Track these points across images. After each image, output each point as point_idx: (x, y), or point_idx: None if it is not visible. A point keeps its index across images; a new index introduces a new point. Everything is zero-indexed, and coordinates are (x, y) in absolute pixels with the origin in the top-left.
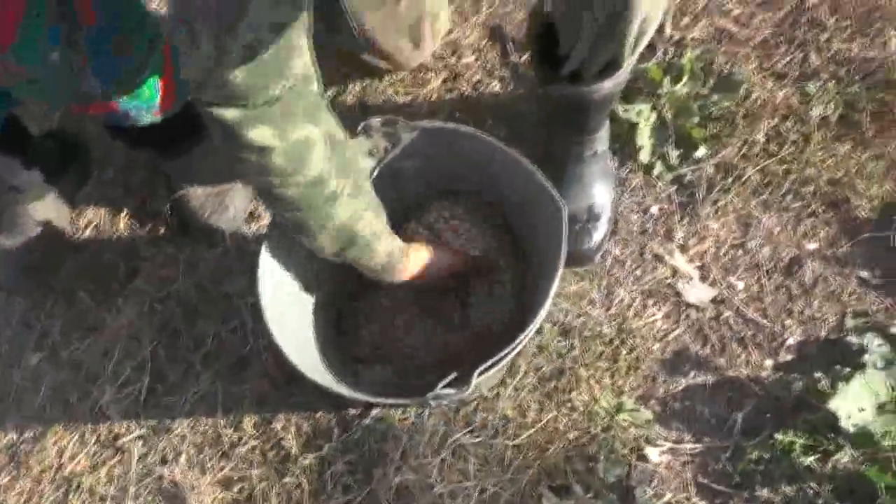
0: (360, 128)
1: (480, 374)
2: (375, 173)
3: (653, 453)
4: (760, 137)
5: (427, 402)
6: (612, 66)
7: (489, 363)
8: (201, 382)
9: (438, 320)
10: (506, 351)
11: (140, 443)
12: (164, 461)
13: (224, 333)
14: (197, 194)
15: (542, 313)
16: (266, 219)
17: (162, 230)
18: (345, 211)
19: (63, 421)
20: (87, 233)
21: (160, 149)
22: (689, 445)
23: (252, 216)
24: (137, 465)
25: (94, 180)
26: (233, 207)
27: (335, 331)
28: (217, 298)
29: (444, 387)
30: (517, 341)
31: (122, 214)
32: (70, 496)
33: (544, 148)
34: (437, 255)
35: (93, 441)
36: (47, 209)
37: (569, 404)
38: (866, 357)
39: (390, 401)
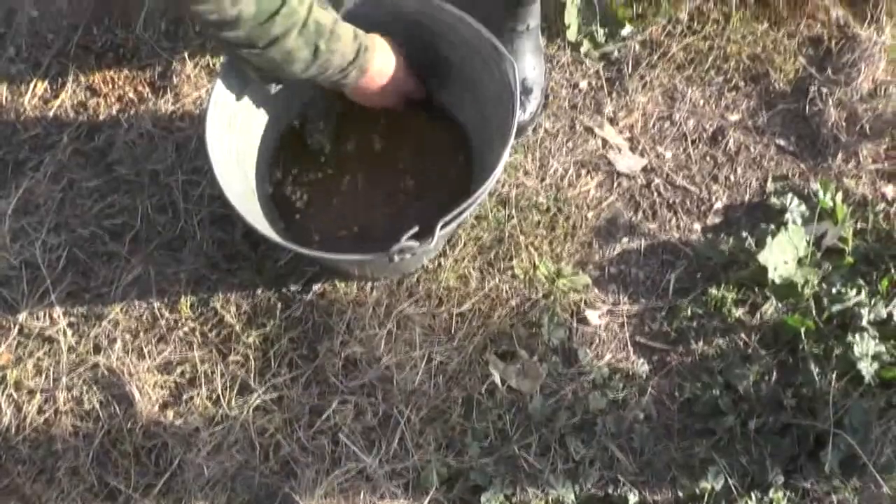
0: None
1: (443, 226)
2: None
3: (592, 316)
4: (684, 16)
5: (391, 256)
6: None
7: (451, 215)
8: (132, 265)
9: (385, 189)
10: (468, 203)
11: (70, 332)
12: (97, 349)
13: (153, 213)
14: None
15: (502, 164)
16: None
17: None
18: (301, 7)
19: None
20: None
21: None
22: (626, 307)
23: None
24: (68, 355)
25: None
26: None
27: (273, 202)
28: (143, 175)
29: (407, 240)
30: (478, 193)
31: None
32: None
33: None
34: (400, 57)
35: (15, 332)
36: None
37: (510, 272)
38: (787, 216)
39: (353, 257)
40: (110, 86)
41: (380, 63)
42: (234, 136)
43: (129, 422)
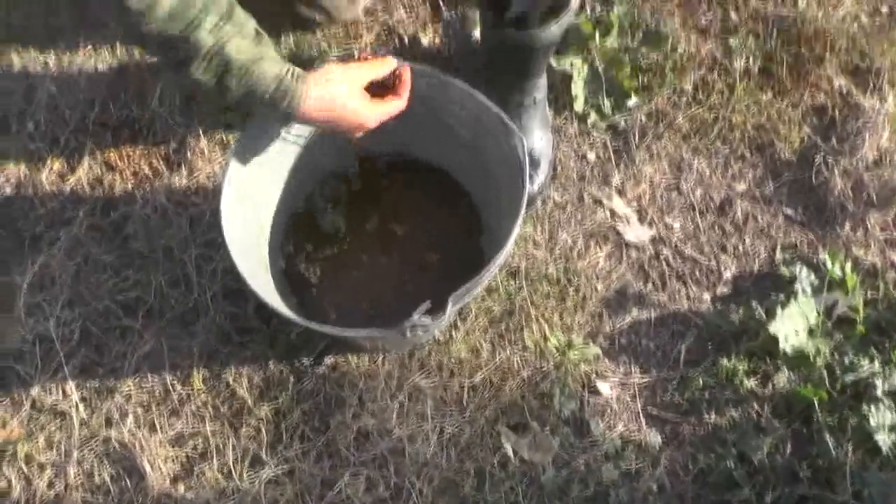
0: (315, 66)
1: (455, 301)
2: None
3: (604, 387)
4: (689, 87)
5: (404, 332)
6: (556, 8)
7: (462, 290)
8: (145, 340)
9: (396, 265)
10: (479, 276)
11: (82, 406)
12: (109, 423)
13: (166, 288)
14: None
15: (513, 238)
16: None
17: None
18: (209, 37)
19: None
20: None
21: None
22: (637, 378)
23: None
24: (80, 429)
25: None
26: None
27: (286, 277)
28: (157, 250)
29: (420, 315)
30: (490, 265)
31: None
32: (2, 467)
33: None
34: (354, 81)
35: (27, 406)
36: None
37: (520, 343)
38: (797, 285)
39: (366, 332)
40: (126, 161)
41: (313, 105)
42: (248, 211)
43: (140, 496)
